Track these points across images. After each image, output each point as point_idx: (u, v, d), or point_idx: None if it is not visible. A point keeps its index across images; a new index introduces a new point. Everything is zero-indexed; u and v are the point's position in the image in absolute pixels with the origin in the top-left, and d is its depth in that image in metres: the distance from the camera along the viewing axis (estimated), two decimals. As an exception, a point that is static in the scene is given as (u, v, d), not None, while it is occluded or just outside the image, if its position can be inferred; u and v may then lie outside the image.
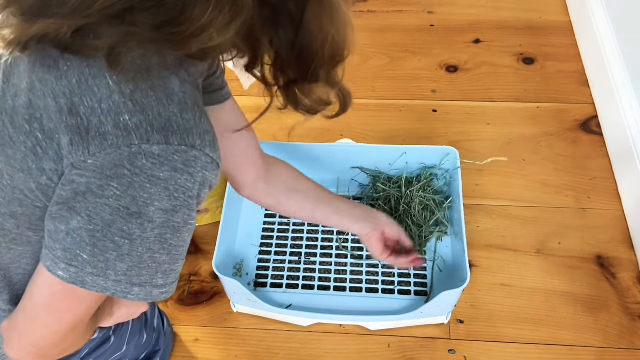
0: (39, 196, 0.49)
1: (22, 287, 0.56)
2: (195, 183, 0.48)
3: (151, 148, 0.45)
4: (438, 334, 1.00)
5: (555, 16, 1.54)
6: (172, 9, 0.42)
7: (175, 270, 0.53)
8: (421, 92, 1.38)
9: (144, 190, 0.46)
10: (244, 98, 1.34)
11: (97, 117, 0.45)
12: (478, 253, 1.09)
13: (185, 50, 0.46)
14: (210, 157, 0.49)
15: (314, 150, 1.10)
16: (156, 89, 0.47)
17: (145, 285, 0.50)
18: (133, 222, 0.47)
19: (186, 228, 0.51)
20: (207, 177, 0.49)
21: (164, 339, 0.92)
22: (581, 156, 1.23)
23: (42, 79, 0.46)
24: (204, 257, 1.11)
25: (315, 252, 1.08)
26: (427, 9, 1.58)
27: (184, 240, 0.51)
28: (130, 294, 0.50)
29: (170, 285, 0.53)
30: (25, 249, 0.55)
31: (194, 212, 0.51)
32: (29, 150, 0.47)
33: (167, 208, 0.47)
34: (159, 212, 0.47)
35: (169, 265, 0.51)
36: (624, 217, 1.13)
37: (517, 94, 1.36)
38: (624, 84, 1.20)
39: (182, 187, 0.48)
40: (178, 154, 0.46)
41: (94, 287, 0.48)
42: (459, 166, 1.05)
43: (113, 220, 0.46)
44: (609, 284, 1.04)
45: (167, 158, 0.46)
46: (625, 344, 0.97)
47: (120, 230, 0.47)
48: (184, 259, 0.53)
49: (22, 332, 0.54)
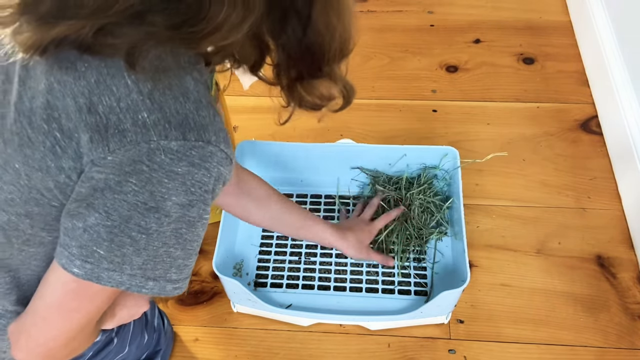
0: (56, 195, 0.50)
1: (30, 288, 0.57)
2: (211, 178, 0.50)
3: (169, 144, 0.46)
4: (438, 334, 1.00)
5: (555, 16, 1.54)
6: (188, 10, 0.43)
7: (188, 266, 0.54)
8: (421, 92, 1.38)
9: (161, 185, 0.47)
10: (243, 98, 1.35)
11: (116, 115, 0.46)
12: (478, 253, 1.09)
13: (199, 48, 0.47)
14: (225, 152, 0.50)
15: (314, 150, 1.10)
16: (173, 88, 0.48)
17: (159, 279, 0.51)
18: (150, 216, 0.48)
19: (201, 223, 0.52)
20: (222, 173, 0.51)
21: (164, 338, 0.92)
22: (581, 156, 1.23)
23: (61, 80, 0.47)
24: (204, 257, 1.11)
25: (315, 252, 1.08)
26: (427, 9, 1.58)
27: (198, 235, 0.52)
28: (145, 288, 0.51)
29: (183, 280, 0.54)
30: (37, 250, 0.55)
31: (209, 207, 0.52)
32: (47, 150, 0.48)
33: (183, 202, 0.48)
34: (175, 207, 0.48)
35: (182, 260, 0.52)
36: (624, 217, 1.13)
37: (517, 94, 1.36)
38: (624, 84, 1.20)
39: (199, 182, 0.49)
40: (195, 150, 0.47)
41: (109, 282, 0.49)
42: (458, 165, 1.05)
43: (131, 216, 0.47)
44: (609, 284, 1.04)
45: (185, 153, 0.47)
46: (625, 344, 0.97)
47: (137, 225, 0.48)
48: (197, 254, 0.54)
49: (32, 334, 0.54)
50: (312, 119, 1.37)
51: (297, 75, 0.53)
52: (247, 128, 1.31)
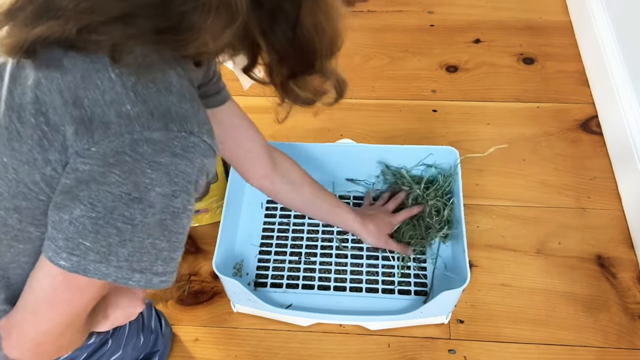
0: (43, 188, 0.50)
1: (19, 286, 0.57)
2: (194, 168, 0.50)
3: (152, 135, 0.47)
4: (438, 334, 1.00)
5: (555, 16, 1.54)
6: (172, 17, 0.44)
7: (174, 259, 0.54)
8: (421, 92, 1.38)
9: (145, 175, 0.47)
10: (243, 98, 1.35)
11: (101, 107, 0.47)
12: (478, 253, 1.09)
13: (183, 52, 0.48)
14: (207, 143, 0.51)
15: (314, 150, 1.10)
16: (156, 82, 0.49)
17: (145, 271, 0.51)
18: (135, 207, 0.48)
19: (185, 214, 0.52)
20: (205, 163, 0.51)
21: (162, 340, 0.92)
22: (581, 156, 1.23)
23: (48, 76, 0.48)
24: (204, 257, 1.11)
25: (315, 252, 1.08)
26: (427, 9, 1.58)
27: (182, 226, 0.53)
28: (132, 280, 0.51)
29: (170, 274, 0.54)
30: (25, 246, 0.56)
31: (193, 197, 0.52)
32: (35, 143, 0.49)
33: (167, 193, 0.49)
34: (159, 197, 0.49)
35: (168, 252, 0.52)
36: (624, 217, 1.13)
37: (517, 94, 1.36)
38: (624, 84, 1.20)
39: (182, 172, 0.49)
40: (177, 140, 0.48)
41: (96, 274, 0.49)
42: (458, 163, 1.05)
43: (115, 207, 0.48)
44: (609, 284, 1.04)
45: (167, 144, 0.48)
46: (625, 344, 0.97)
47: (122, 215, 0.48)
48: (182, 248, 0.55)
49: (22, 328, 0.54)
50: (312, 119, 1.38)
51: (290, 73, 0.54)
52: (247, 128, 1.30)
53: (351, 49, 1.45)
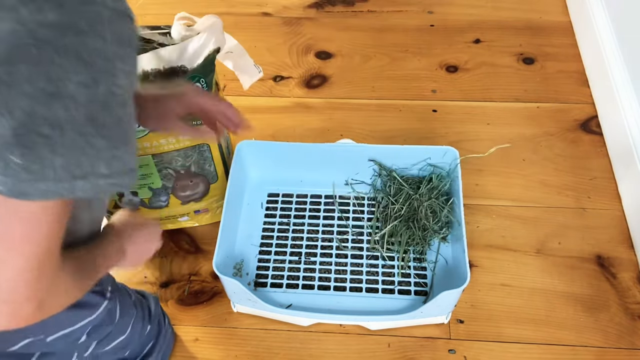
0: None
1: None
2: (107, 42, 0.44)
3: (46, 18, 0.41)
4: (438, 333, 1.00)
5: (555, 16, 1.54)
6: None
7: (119, 157, 0.48)
8: (421, 92, 1.38)
9: (54, 64, 0.42)
10: (243, 98, 1.35)
11: None
12: (478, 253, 1.09)
13: None
14: (113, 9, 0.45)
15: (314, 150, 1.10)
16: None
17: (88, 176, 0.46)
18: (54, 104, 0.42)
19: (116, 101, 0.46)
20: (117, 31, 0.45)
21: (164, 335, 0.93)
22: (581, 156, 1.23)
23: None
24: (204, 257, 1.11)
25: (315, 252, 1.08)
26: (427, 9, 1.58)
27: (118, 117, 0.47)
28: (76, 190, 0.46)
29: (119, 175, 0.48)
30: None
31: (119, 79, 0.46)
32: None
33: (86, 81, 0.44)
34: (79, 88, 0.43)
35: (108, 150, 0.47)
36: (624, 217, 1.13)
37: (517, 94, 1.36)
38: (624, 84, 1.20)
39: (95, 50, 0.44)
40: (77, 14, 0.42)
41: (36, 194, 0.44)
42: (458, 163, 1.05)
43: (33, 109, 0.42)
44: (609, 284, 1.04)
45: (68, 22, 0.42)
46: (625, 344, 0.97)
47: (44, 118, 0.42)
48: (129, 143, 0.49)
49: None
50: (313, 119, 1.38)
51: None
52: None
53: (351, 49, 1.45)
